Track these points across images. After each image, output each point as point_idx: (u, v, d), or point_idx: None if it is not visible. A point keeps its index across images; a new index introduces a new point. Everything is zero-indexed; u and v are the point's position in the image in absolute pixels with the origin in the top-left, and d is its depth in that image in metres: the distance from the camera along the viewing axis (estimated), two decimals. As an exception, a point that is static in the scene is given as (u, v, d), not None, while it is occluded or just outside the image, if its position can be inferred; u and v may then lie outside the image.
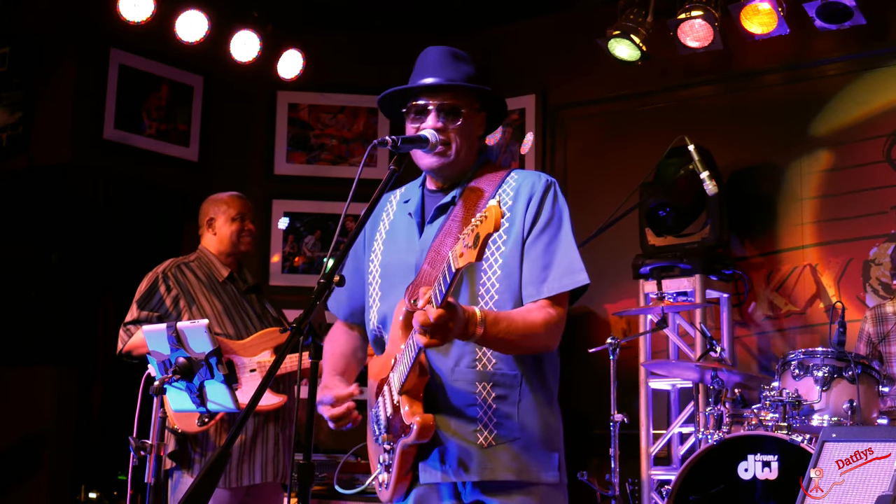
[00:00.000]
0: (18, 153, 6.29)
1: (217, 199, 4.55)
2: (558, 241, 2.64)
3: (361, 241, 2.89)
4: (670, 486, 4.61)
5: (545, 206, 2.66)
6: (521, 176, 2.73)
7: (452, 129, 2.69)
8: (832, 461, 3.39)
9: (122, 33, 6.12)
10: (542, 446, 2.63)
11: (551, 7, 6.74)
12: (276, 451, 4.28)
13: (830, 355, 4.56)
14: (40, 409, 5.99)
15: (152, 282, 4.31)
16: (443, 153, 2.69)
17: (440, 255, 2.61)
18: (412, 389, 2.58)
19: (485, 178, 2.73)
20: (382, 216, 2.87)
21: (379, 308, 2.76)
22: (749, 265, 6.10)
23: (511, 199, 2.67)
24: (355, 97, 7.04)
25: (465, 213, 2.66)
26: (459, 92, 2.70)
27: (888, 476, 3.21)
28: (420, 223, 2.74)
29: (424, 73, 2.75)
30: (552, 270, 2.61)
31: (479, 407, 2.59)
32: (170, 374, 3.48)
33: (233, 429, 2.37)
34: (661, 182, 5.74)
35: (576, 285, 2.63)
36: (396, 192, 2.90)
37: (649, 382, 5.91)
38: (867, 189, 5.82)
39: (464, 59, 2.77)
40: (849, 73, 5.96)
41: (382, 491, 2.72)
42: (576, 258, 2.64)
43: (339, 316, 2.97)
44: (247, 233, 4.48)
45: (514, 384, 2.61)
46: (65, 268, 6.06)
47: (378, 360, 2.78)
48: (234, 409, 3.58)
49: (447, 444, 2.58)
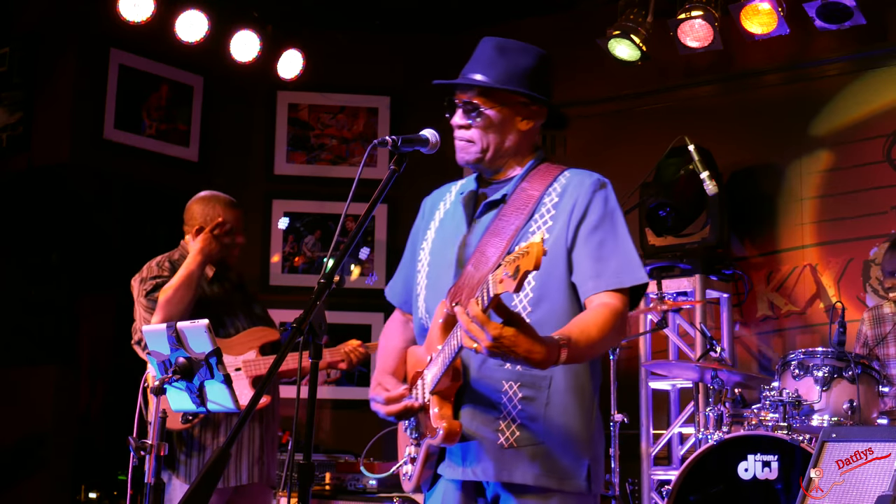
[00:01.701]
0: (18, 153, 6.29)
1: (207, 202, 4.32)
2: (616, 237, 2.59)
3: (419, 226, 2.89)
4: (670, 486, 4.61)
5: (595, 204, 2.60)
6: (572, 175, 2.69)
7: (475, 127, 2.67)
8: (832, 461, 3.39)
9: (122, 33, 6.12)
10: (570, 452, 2.55)
11: (551, 7, 6.74)
12: (262, 452, 4.28)
13: (830, 355, 4.56)
14: (40, 409, 5.98)
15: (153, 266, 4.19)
16: (465, 149, 2.69)
17: (485, 255, 2.59)
18: (444, 391, 2.57)
19: (536, 178, 2.69)
20: (440, 205, 2.86)
21: (424, 297, 2.75)
22: (749, 265, 6.10)
23: (558, 196, 2.63)
24: (355, 97, 7.04)
25: (512, 214, 2.63)
26: (489, 88, 2.66)
27: (888, 476, 3.21)
28: (469, 216, 2.72)
29: (469, 67, 2.72)
30: (610, 264, 2.55)
31: (503, 406, 2.55)
32: (170, 374, 3.47)
33: (233, 429, 2.37)
34: (661, 182, 5.74)
35: (636, 282, 2.56)
36: (458, 183, 2.88)
37: (649, 382, 5.92)
38: (867, 189, 5.82)
39: (514, 51, 2.70)
40: (849, 73, 5.96)
41: (405, 481, 2.75)
42: (634, 255, 2.59)
43: (395, 303, 2.95)
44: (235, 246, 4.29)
45: (543, 386, 2.55)
46: (65, 268, 6.06)
47: (418, 351, 2.77)
48: (234, 409, 3.58)
49: (469, 441, 2.56)
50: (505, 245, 2.58)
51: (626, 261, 2.56)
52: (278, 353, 2.40)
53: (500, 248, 2.58)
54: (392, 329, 2.94)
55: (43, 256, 6.13)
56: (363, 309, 6.65)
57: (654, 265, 5.84)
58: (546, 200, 2.64)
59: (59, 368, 6.01)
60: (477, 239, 2.65)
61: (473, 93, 2.67)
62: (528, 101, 2.69)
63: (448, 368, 2.49)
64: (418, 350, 2.77)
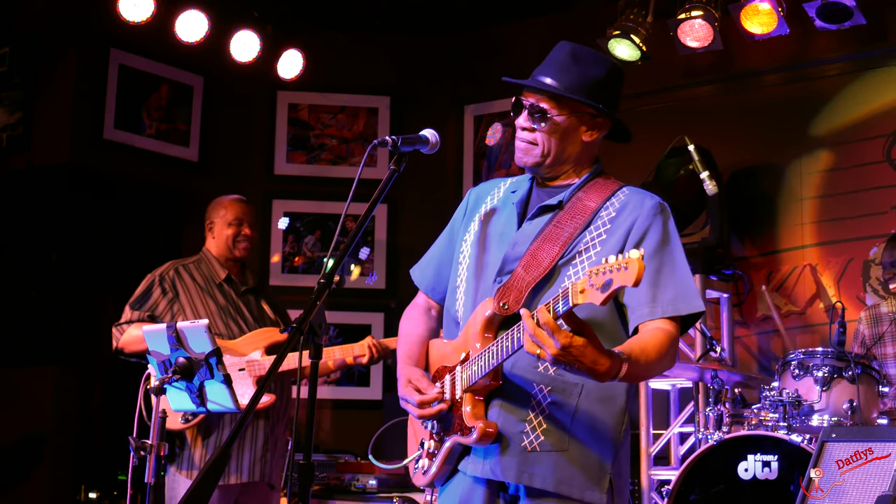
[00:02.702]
0: (18, 153, 6.29)
1: (218, 202, 4.58)
2: (673, 265, 2.57)
3: (461, 215, 2.87)
4: (670, 486, 4.61)
5: (654, 227, 2.59)
6: (631, 193, 2.68)
7: (540, 131, 2.66)
8: (832, 461, 3.39)
9: (122, 33, 6.12)
10: (594, 464, 2.54)
11: (551, 7, 6.74)
12: (265, 451, 4.28)
13: (830, 355, 4.56)
14: (40, 409, 5.98)
15: (149, 284, 4.38)
16: (527, 151, 2.68)
17: (536, 259, 2.58)
18: (479, 390, 2.56)
19: (595, 190, 2.68)
20: (486, 199, 2.84)
21: (465, 291, 2.73)
22: (749, 265, 6.10)
23: (616, 211, 2.62)
24: (355, 97, 7.04)
25: (568, 222, 2.62)
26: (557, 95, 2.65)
27: (888, 476, 3.22)
28: (521, 215, 2.71)
29: (542, 69, 2.71)
30: (668, 291, 2.54)
31: (531, 409, 2.54)
32: (170, 374, 3.48)
33: (233, 429, 2.37)
34: (661, 182, 5.74)
35: (692, 310, 2.55)
36: (507, 180, 2.87)
37: (649, 382, 5.91)
38: (867, 189, 5.82)
39: (589, 60, 2.70)
40: (849, 73, 5.96)
41: (419, 476, 2.73)
42: (691, 283, 2.58)
43: (422, 287, 2.93)
44: (243, 238, 4.48)
45: (574, 393, 2.54)
46: (65, 268, 6.06)
47: (444, 346, 2.75)
48: (234, 409, 3.58)
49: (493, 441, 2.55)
50: (558, 252, 2.57)
51: (682, 289, 2.55)
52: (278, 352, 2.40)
53: (553, 253, 2.57)
54: (415, 315, 2.91)
55: (43, 256, 6.13)
56: (363, 309, 6.65)
57: (654, 265, 5.83)
58: (603, 214, 2.63)
59: (59, 368, 6.01)
60: (528, 241, 2.63)
61: (543, 96, 2.66)
62: (595, 113, 2.69)
63: (493, 370, 2.49)
64: (443, 345, 2.75)
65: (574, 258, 2.58)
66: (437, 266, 2.88)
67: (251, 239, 4.52)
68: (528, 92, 2.68)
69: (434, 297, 2.90)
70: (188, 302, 4.34)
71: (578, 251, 2.58)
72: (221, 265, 4.48)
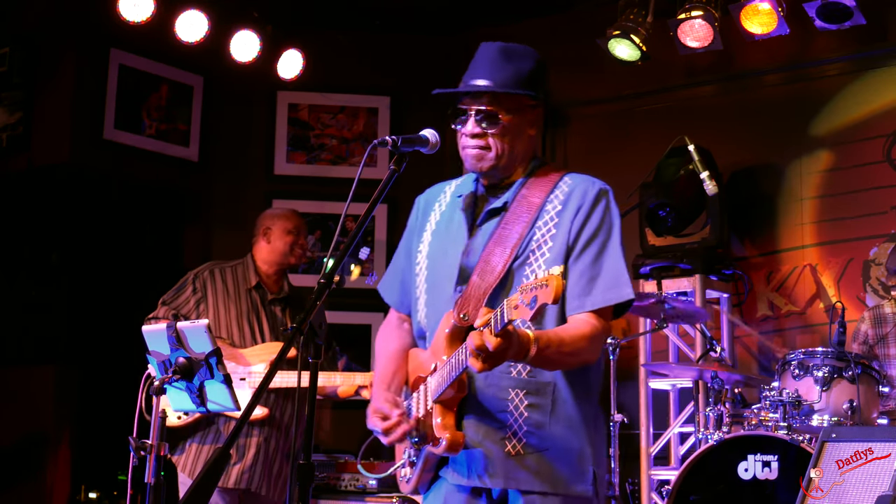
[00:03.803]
0: (18, 153, 6.28)
1: (277, 211, 4.85)
2: (606, 254, 2.59)
3: (414, 225, 2.87)
4: (670, 486, 4.61)
5: (594, 215, 2.61)
6: (573, 181, 2.68)
7: (491, 135, 2.65)
8: (832, 461, 3.39)
9: (122, 33, 6.12)
10: (575, 460, 2.58)
11: (551, 7, 6.74)
12: (255, 462, 4.33)
13: (830, 355, 4.56)
14: (40, 409, 5.98)
15: (183, 282, 4.56)
16: (481, 157, 2.66)
17: (489, 265, 2.59)
18: (448, 401, 2.58)
19: (537, 184, 2.68)
20: (434, 206, 2.84)
21: (426, 302, 2.74)
22: (749, 265, 6.10)
23: (561, 203, 2.63)
24: (355, 97, 7.04)
25: (515, 222, 2.63)
26: (501, 95, 2.64)
27: (888, 476, 3.21)
28: (470, 222, 2.71)
29: (472, 73, 2.69)
30: (598, 283, 2.56)
31: (509, 414, 2.56)
32: (170, 374, 3.48)
33: (232, 430, 2.37)
34: (661, 182, 5.74)
35: (621, 299, 2.58)
36: (452, 184, 2.87)
37: (649, 382, 5.91)
38: (867, 189, 5.82)
39: (517, 55, 2.69)
40: (849, 73, 5.96)
41: (403, 484, 2.76)
42: (622, 271, 2.60)
43: (390, 302, 2.93)
44: (299, 247, 4.67)
45: (548, 392, 2.57)
46: (65, 268, 6.06)
47: (419, 355, 2.76)
48: (234, 409, 3.58)
49: (475, 448, 2.57)
50: (509, 254, 2.58)
51: (613, 278, 2.58)
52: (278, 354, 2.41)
53: (505, 257, 2.58)
54: (388, 332, 2.92)
55: (43, 256, 6.13)
56: (363, 309, 6.64)
57: (654, 265, 5.84)
58: (549, 208, 2.64)
59: (59, 368, 6.00)
60: (480, 247, 2.64)
61: (486, 100, 2.64)
62: (534, 105, 2.69)
63: (455, 381, 2.50)
64: (421, 354, 2.76)
65: (528, 258, 2.59)
66: (402, 281, 2.88)
67: (306, 249, 4.74)
68: (469, 99, 2.67)
69: (403, 311, 2.90)
70: (213, 304, 4.49)
71: (531, 250, 2.60)
72: (261, 272, 4.60)
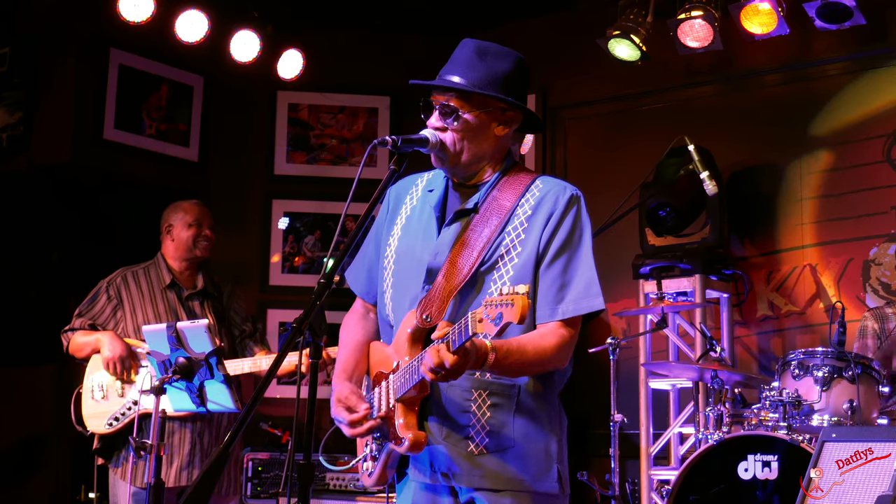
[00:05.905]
0: (18, 153, 6.28)
1: (176, 206, 4.76)
2: (577, 262, 2.60)
3: (384, 216, 2.86)
4: (670, 486, 4.61)
5: (565, 222, 2.61)
6: (545, 186, 2.67)
7: (452, 130, 2.64)
8: (832, 461, 3.39)
9: (122, 33, 6.12)
10: (539, 458, 2.59)
11: (551, 7, 6.74)
12: (192, 458, 4.32)
13: (830, 355, 4.56)
14: (40, 409, 5.98)
15: (96, 292, 4.60)
16: (439, 152, 2.66)
17: (455, 267, 2.58)
18: (409, 401, 2.58)
19: (509, 187, 2.67)
20: (406, 199, 2.83)
21: (391, 297, 2.73)
22: (749, 265, 6.09)
23: (531, 208, 2.63)
24: (355, 97, 7.04)
25: (484, 225, 2.62)
26: (467, 93, 2.64)
27: (888, 476, 3.21)
28: (439, 221, 2.70)
29: (447, 68, 2.70)
30: (568, 292, 2.57)
31: (472, 414, 2.56)
32: (170, 374, 3.48)
33: (232, 430, 2.37)
34: (661, 182, 5.74)
35: (591, 309, 2.58)
36: (423, 177, 2.85)
37: (649, 382, 5.91)
38: (867, 189, 5.82)
39: (495, 55, 2.68)
40: (849, 73, 5.96)
41: (365, 477, 2.77)
42: (593, 280, 2.59)
43: (357, 291, 2.92)
44: (203, 238, 4.65)
45: (511, 394, 2.58)
46: (65, 268, 6.06)
47: (382, 350, 2.75)
48: (234, 409, 3.58)
49: (437, 448, 2.57)
50: (476, 257, 2.58)
51: (585, 287, 2.58)
52: (279, 352, 2.40)
53: (472, 260, 2.58)
54: (351, 323, 2.90)
55: (43, 256, 6.13)
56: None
57: (654, 265, 5.84)
58: (519, 212, 2.63)
59: (59, 368, 6.00)
60: (447, 248, 2.63)
61: (451, 95, 2.64)
62: (506, 107, 2.68)
63: (417, 384, 2.50)
64: (383, 348, 2.75)
65: (496, 263, 2.59)
66: (368, 270, 2.87)
67: (211, 239, 4.67)
68: (437, 93, 2.66)
69: (369, 301, 2.88)
70: (130, 308, 4.53)
71: (500, 255, 2.59)
72: (173, 269, 4.61)
